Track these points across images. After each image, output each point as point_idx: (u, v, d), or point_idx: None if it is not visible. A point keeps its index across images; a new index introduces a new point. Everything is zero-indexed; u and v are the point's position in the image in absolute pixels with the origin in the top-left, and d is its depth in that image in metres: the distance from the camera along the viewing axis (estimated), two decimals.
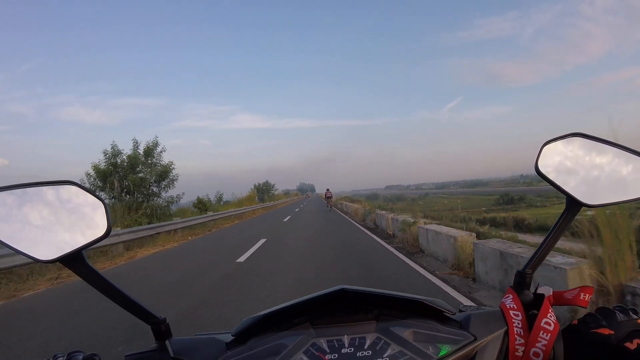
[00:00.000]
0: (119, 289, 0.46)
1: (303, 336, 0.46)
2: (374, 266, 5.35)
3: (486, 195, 29.21)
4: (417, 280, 4.51)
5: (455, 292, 3.91)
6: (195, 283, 4.82)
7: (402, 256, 6.05)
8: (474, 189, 71.89)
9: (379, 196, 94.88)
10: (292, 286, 4.35)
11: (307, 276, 4.83)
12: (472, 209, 35.53)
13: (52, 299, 4.64)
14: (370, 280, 4.49)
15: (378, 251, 6.72)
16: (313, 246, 7.59)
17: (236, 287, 4.48)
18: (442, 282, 4.35)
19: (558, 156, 0.51)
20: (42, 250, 0.43)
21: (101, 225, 0.45)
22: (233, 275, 5.12)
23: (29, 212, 0.43)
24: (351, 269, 5.14)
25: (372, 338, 0.46)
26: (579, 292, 0.48)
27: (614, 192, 0.50)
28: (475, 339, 0.46)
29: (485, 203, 44.73)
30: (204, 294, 4.24)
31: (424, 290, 4.04)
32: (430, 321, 0.48)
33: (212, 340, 0.50)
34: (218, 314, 3.47)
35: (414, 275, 4.78)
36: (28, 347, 2.95)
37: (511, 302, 0.50)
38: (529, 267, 0.51)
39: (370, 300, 0.50)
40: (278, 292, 4.11)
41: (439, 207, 14.42)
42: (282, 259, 6.21)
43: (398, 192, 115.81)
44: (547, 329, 0.44)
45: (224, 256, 6.86)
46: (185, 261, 6.85)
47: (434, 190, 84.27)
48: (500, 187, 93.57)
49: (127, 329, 3.06)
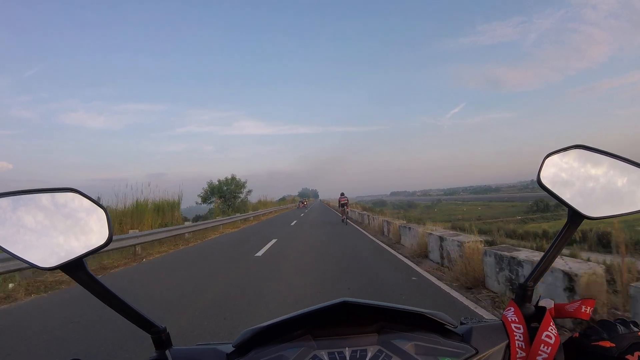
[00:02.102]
0: (120, 298, 0.47)
1: (304, 348, 0.47)
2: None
3: (505, 202, 26.36)
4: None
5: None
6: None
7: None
8: (485, 195, 70.27)
9: (386, 203, 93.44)
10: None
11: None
12: (502, 217, 31.50)
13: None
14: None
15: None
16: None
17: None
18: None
19: (560, 168, 0.52)
20: (43, 258, 0.44)
21: (102, 233, 0.46)
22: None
23: (30, 219, 0.44)
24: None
25: (374, 351, 0.47)
26: (580, 305, 0.49)
27: (616, 205, 0.51)
28: (476, 352, 0.47)
29: (512, 211, 40.11)
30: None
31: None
32: (431, 334, 0.49)
33: (212, 351, 0.51)
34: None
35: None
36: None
37: (512, 314, 0.51)
38: (531, 280, 0.52)
39: (371, 313, 0.51)
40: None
41: (462, 216, 12.13)
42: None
43: (405, 199, 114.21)
44: (548, 342, 0.45)
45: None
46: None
47: (443, 196, 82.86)
48: (514, 192, 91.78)
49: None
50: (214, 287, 4.95)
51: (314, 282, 4.94)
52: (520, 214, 38.07)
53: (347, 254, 7.41)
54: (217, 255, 8.24)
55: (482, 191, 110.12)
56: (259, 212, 24.28)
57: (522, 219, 27.84)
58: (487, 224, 14.60)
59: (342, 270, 5.72)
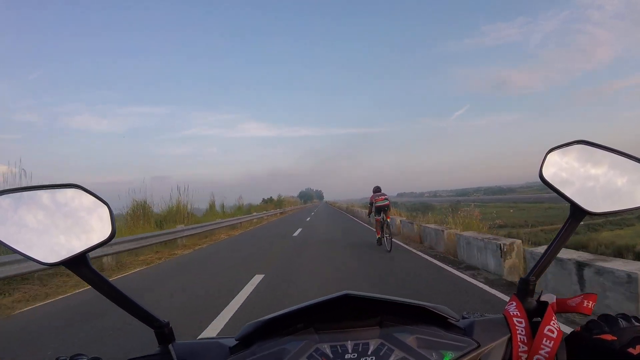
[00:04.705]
0: (123, 293, 0.48)
1: (306, 341, 0.48)
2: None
3: (533, 203, 22.83)
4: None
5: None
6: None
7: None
8: (504, 195, 67.02)
9: (398, 204, 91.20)
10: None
11: None
12: (551, 222, 27.45)
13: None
14: None
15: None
16: None
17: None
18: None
19: (562, 164, 0.54)
20: (46, 254, 0.44)
21: (106, 228, 0.46)
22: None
23: (33, 215, 0.45)
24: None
25: (376, 344, 0.48)
26: (582, 300, 0.50)
27: (618, 200, 0.52)
28: (478, 346, 0.49)
29: (552, 214, 35.57)
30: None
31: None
32: (433, 327, 0.51)
33: (215, 344, 0.52)
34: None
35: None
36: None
37: (514, 309, 0.52)
38: (533, 275, 0.54)
39: (374, 306, 0.52)
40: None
41: (502, 221, 8.96)
42: None
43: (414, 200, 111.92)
44: (550, 336, 0.47)
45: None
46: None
47: (454, 197, 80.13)
48: (531, 193, 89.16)
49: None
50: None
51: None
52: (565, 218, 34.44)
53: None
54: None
55: (496, 192, 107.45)
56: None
57: (585, 225, 22.68)
58: (546, 232, 11.73)
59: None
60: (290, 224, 18.30)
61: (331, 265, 6.54)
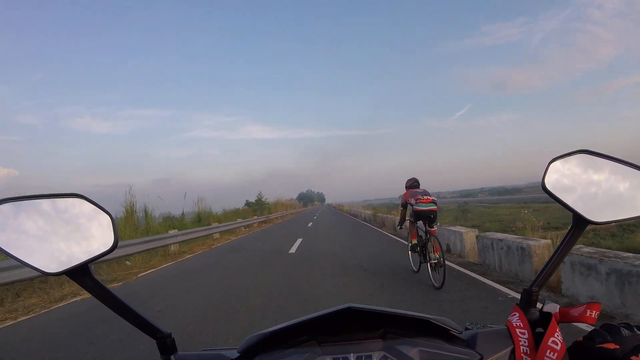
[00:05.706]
0: (126, 303, 0.49)
1: (309, 354, 0.49)
2: None
3: (545, 204, 21.48)
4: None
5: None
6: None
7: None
8: (510, 196, 66.29)
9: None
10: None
11: None
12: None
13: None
14: None
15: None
16: None
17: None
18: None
19: (564, 173, 0.54)
20: (48, 263, 0.45)
21: (108, 238, 0.47)
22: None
23: (35, 225, 0.45)
24: None
25: (379, 356, 0.48)
26: (585, 309, 0.50)
27: (620, 209, 0.52)
28: (481, 358, 0.49)
29: (570, 214, 35.11)
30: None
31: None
32: (436, 340, 0.51)
33: (217, 356, 0.53)
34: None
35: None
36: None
37: (517, 320, 0.53)
38: (536, 285, 0.54)
39: (376, 318, 0.52)
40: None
41: (522, 223, 7.96)
42: None
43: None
44: (554, 348, 0.47)
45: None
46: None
47: (459, 198, 79.17)
48: (539, 193, 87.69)
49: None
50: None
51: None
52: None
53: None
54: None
55: (501, 192, 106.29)
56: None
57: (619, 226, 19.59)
58: (601, 237, 10.20)
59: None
60: (276, 241, 11.31)
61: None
